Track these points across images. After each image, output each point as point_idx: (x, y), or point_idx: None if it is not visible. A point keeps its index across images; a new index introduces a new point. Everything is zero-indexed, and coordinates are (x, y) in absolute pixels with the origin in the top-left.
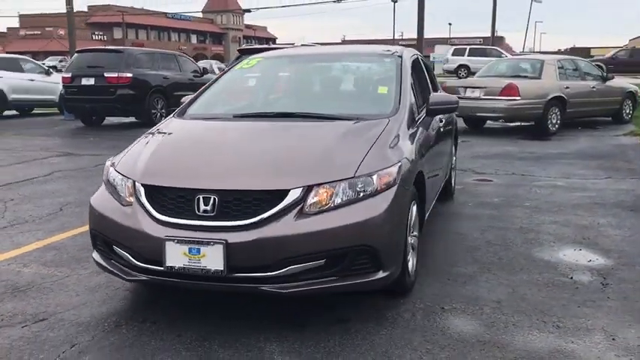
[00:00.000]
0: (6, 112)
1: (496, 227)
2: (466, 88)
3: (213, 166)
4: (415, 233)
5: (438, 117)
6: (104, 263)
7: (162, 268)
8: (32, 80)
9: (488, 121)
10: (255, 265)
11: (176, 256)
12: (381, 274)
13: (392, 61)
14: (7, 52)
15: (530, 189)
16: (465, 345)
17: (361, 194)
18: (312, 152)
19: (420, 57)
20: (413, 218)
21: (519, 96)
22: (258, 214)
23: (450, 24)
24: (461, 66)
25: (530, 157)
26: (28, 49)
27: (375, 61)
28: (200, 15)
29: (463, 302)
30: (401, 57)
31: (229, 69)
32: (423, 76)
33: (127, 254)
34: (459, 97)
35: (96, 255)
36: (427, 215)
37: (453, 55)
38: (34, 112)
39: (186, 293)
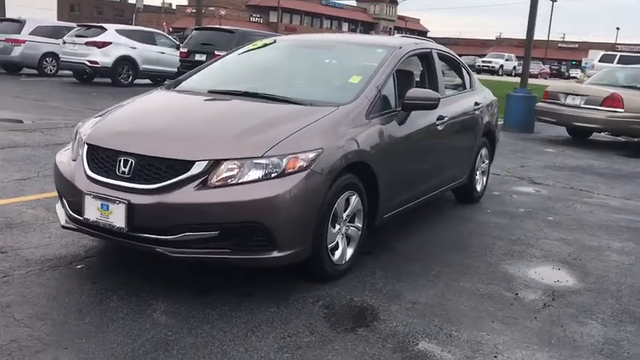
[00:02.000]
0: (139, 80)
1: (490, 235)
2: (567, 94)
3: (142, 132)
4: (357, 224)
5: (437, 116)
6: (57, 212)
7: (82, 219)
8: (163, 53)
9: (595, 133)
10: (153, 228)
11: (91, 210)
12: (275, 254)
13: (382, 53)
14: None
15: (571, 204)
16: (337, 335)
17: (271, 174)
18: (235, 129)
19: (434, 52)
20: (349, 209)
21: (622, 108)
22: (163, 181)
23: (617, 28)
24: None
25: (608, 174)
26: (190, 25)
27: (368, 51)
28: (354, 3)
29: (378, 297)
30: (395, 49)
31: (233, 50)
32: (430, 71)
33: (66, 204)
34: (559, 105)
35: (57, 204)
36: (395, 211)
37: (600, 61)
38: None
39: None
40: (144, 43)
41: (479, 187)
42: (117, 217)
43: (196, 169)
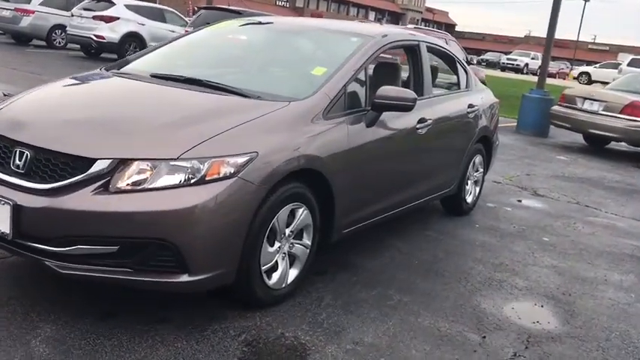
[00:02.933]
0: None
1: (471, 257)
2: (585, 99)
3: (46, 120)
4: (305, 241)
5: (419, 118)
6: None
7: None
8: (172, 31)
9: (613, 142)
10: (43, 237)
11: None
12: (185, 278)
13: (356, 42)
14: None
15: (572, 223)
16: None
17: (190, 180)
18: (154, 123)
19: (423, 45)
20: (295, 223)
21: None
22: (58, 181)
23: None
24: None
25: (621, 189)
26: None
27: (341, 39)
28: None
29: (316, 333)
30: (372, 39)
31: (200, 28)
32: (416, 67)
33: None
34: (575, 109)
35: None
36: (360, 225)
37: (629, 65)
38: None
39: None
40: (153, 20)
41: (469, 199)
42: (1, 220)
43: (96, 168)
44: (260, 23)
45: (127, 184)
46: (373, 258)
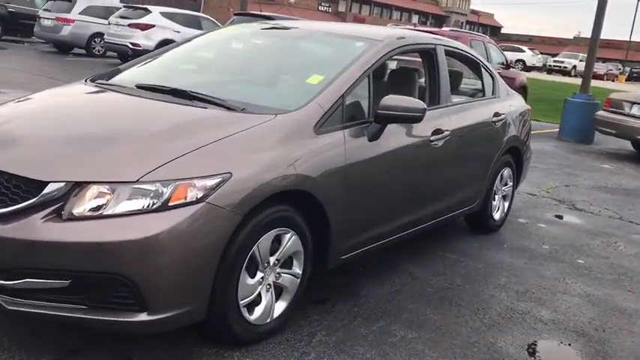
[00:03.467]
0: None
1: (494, 284)
2: (632, 103)
3: (5, 138)
4: (295, 270)
5: (434, 129)
6: None
7: None
8: None
9: None
10: None
11: None
12: (144, 317)
13: (361, 47)
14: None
15: (612, 242)
16: None
17: (152, 206)
18: (120, 141)
19: (440, 48)
20: (281, 251)
21: None
22: (8, 206)
23: None
24: None
25: None
26: (262, 11)
27: (345, 44)
28: None
29: None
30: (378, 43)
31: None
32: (432, 72)
33: None
34: (622, 115)
35: None
36: (363, 249)
37: None
38: None
39: None
40: (189, 27)
41: (497, 215)
42: None
43: (47, 191)
44: (273, 28)
45: (83, 211)
46: (381, 284)
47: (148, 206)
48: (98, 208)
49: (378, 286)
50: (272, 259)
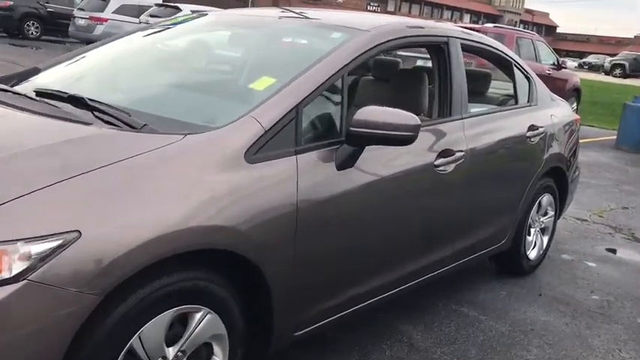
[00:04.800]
0: None
1: (518, 356)
2: None
3: None
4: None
5: (440, 150)
6: None
7: None
8: None
9: None
10: None
11: None
12: None
13: (337, 39)
14: None
15: None
16: None
17: None
18: None
19: (455, 42)
20: (187, 339)
21: None
22: None
23: None
24: None
25: None
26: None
27: (318, 36)
28: None
29: None
30: (361, 34)
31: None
32: (442, 73)
33: None
34: None
35: None
36: (335, 317)
37: None
38: None
39: None
40: None
41: (532, 254)
42: None
43: None
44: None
45: None
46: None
47: None
48: None
49: None
50: (170, 352)
